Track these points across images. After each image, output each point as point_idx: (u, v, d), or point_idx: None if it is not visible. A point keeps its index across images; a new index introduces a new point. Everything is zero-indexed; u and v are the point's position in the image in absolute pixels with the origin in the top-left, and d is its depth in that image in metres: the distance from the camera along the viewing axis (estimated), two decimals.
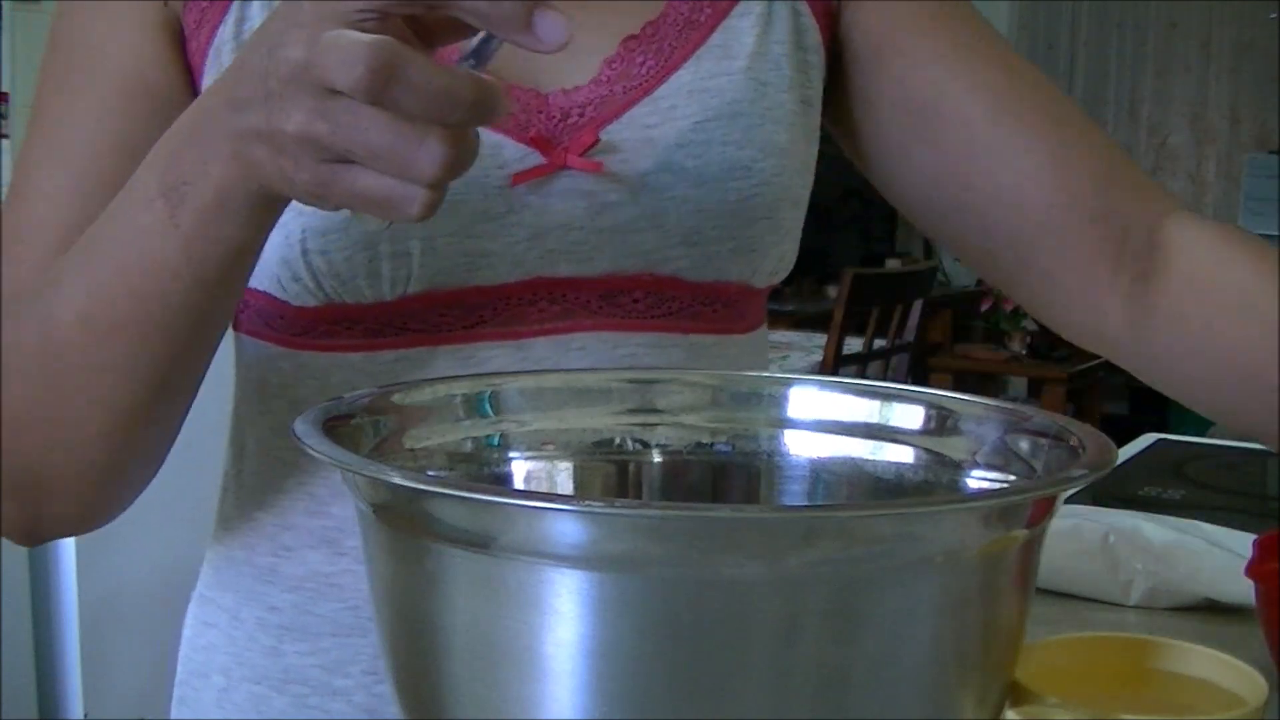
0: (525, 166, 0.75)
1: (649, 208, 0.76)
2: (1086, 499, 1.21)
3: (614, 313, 0.77)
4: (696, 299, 0.79)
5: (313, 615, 0.78)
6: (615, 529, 0.44)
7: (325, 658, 0.77)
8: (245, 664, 0.80)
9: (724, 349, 0.81)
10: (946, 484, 0.60)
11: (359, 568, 0.76)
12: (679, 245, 0.77)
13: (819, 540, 0.44)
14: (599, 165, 0.75)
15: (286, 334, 0.78)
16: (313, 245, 0.73)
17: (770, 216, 0.78)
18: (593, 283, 0.77)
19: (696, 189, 0.76)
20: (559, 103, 0.76)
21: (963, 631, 0.48)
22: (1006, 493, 0.54)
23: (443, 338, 0.76)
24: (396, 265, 0.73)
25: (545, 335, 0.76)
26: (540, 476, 0.63)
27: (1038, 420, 0.57)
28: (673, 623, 0.44)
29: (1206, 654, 0.63)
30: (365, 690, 0.77)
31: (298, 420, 0.52)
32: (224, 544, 0.83)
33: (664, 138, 0.76)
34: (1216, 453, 1.64)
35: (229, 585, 0.81)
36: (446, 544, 0.46)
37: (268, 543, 0.79)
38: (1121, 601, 1.02)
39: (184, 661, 0.84)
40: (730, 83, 0.78)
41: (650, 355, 0.78)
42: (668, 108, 0.76)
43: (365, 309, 0.75)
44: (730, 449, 0.64)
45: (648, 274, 0.77)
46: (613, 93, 0.76)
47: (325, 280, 0.74)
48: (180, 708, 0.84)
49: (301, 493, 0.78)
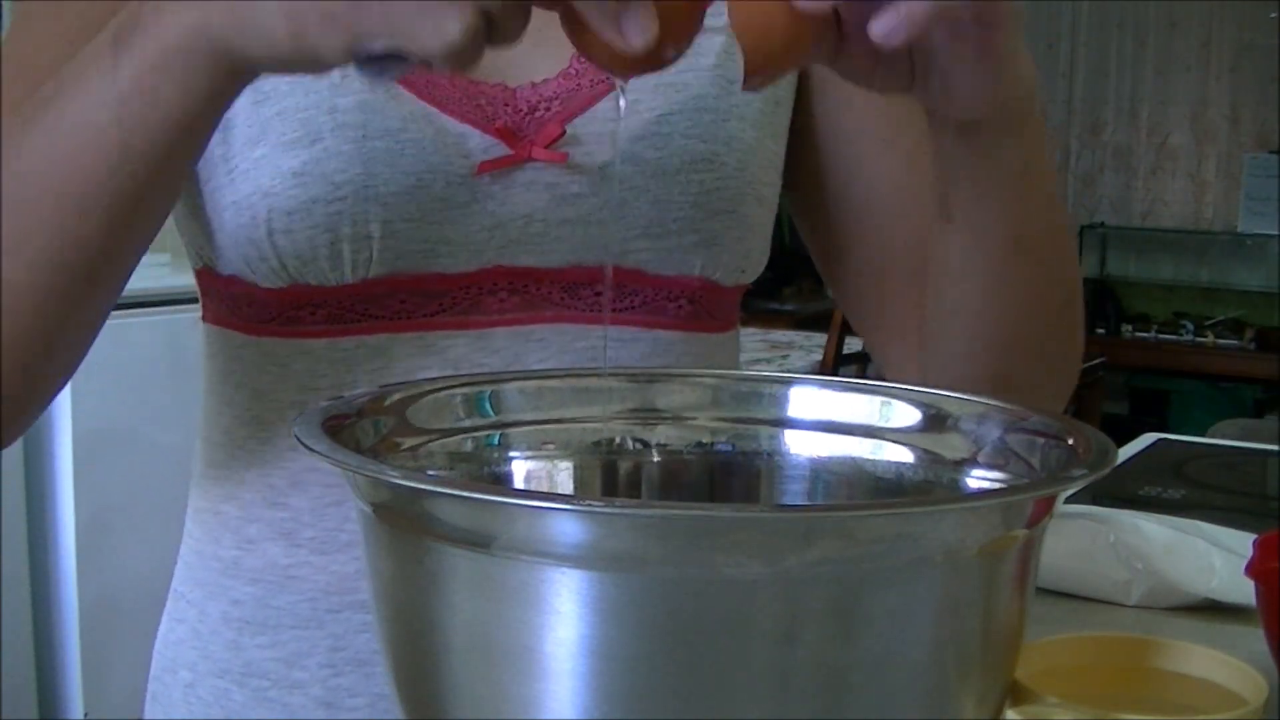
0: (490, 157, 0.75)
1: (610, 199, 0.76)
2: (1086, 499, 1.21)
3: (575, 305, 0.78)
4: (659, 293, 0.79)
5: (271, 608, 0.78)
6: (615, 529, 0.44)
7: (284, 650, 0.78)
8: (209, 658, 0.80)
9: (690, 347, 0.81)
10: (946, 484, 0.60)
11: (316, 559, 0.77)
12: (640, 237, 0.77)
13: (819, 540, 0.44)
14: (564, 156, 0.76)
15: (253, 321, 0.78)
16: (278, 225, 0.73)
17: (733, 210, 0.79)
18: (554, 274, 0.77)
19: (657, 180, 0.77)
20: (526, 96, 0.76)
21: (963, 631, 0.48)
22: (1006, 493, 0.54)
23: (403, 324, 0.76)
24: (357, 248, 0.74)
25: (505, 325, 0.77)
26: (540, 476, 0.63)
27: (1038, 420, 0.57)
28: (673, 623, 0.44)
29: (1206, 654, 0.63)
30: (322, 683, 0.77)
31: (298, 420, 0.52)
32: (194, 538, 0.83)
33: (626, 130, 0.76)
34: (1216, 453, 1.64)
35: (198, 580, 0.82)
36: (446, 544, 0.46)
37: (232, 535, 0.80)
38: (1121, 601, 1.01)
39: (156, 658, 0.85)
40: (697, 78, 0.78)
41: (612, 349, 0.78)
42: (632, 101, 0.77)
43: (328, 292, 0.75)
44: (730, 448, 0.64)
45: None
46: (580, 86, 0.77)
47: (289, 261, 0.74)
48: (152, 704, 0.85)
49: (262, 484, 0.79)
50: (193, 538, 0.83)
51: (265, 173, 0.73)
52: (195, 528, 0.83)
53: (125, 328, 2.57)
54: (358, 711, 0.76)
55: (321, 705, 0.77)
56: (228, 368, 0.80)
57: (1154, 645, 0.64)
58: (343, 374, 0.76)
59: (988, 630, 0.49)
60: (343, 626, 0.76)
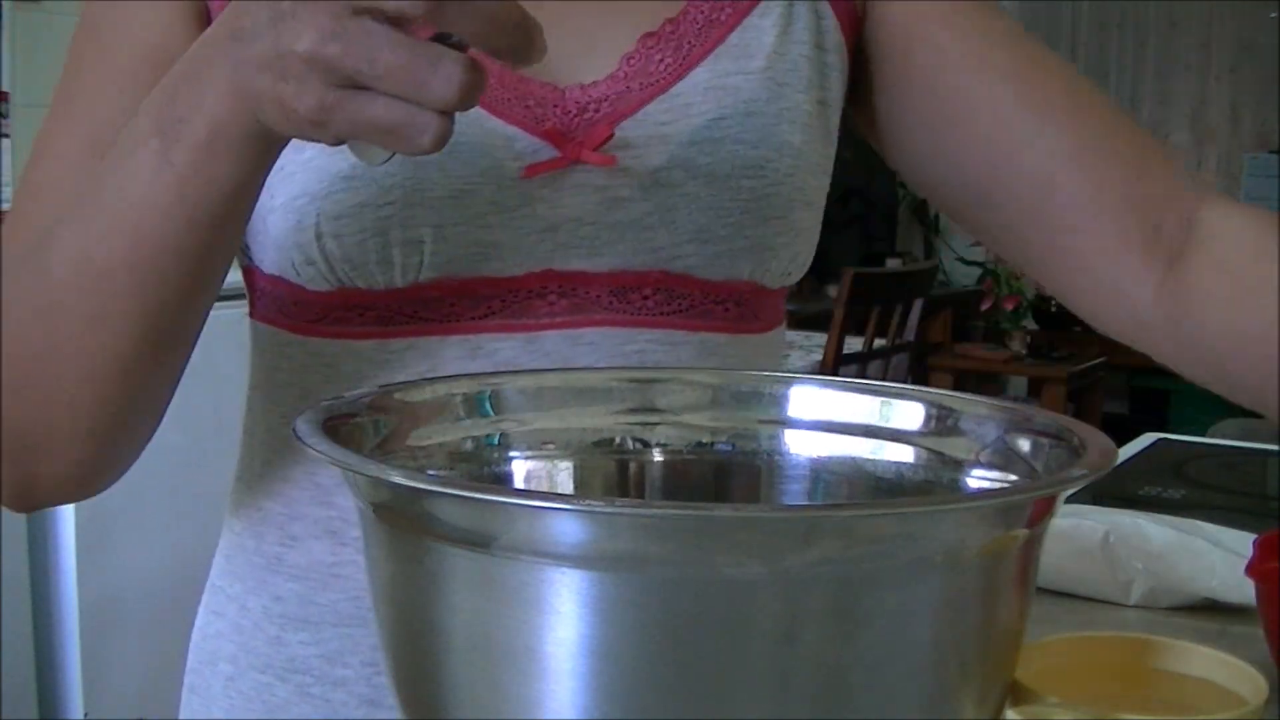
0: (539, 159, 0.75)
1: (660, 204, 0.76)
2: (1086, 499, 1.21)
3: (624, 309, 0.77)
4: (708, 297, 0.79)
5: (315, 605, 0.78)
6: (615, 528, 0.44)
7: (327, 647, 0.78)
8: (251, 652, 0.80)
9: (737, 348, 0.81)
10: (947, 484, 0.60)
11: (360, 558, 0.77)
12: (690, 242, 0.77)
13: (819, 540, 0.44)
14: (613, 160, 0.75)
15: (300, 321, 0.78)
16: (326, 229, 0.73)
17: (783, 216, 0.78)
18: (603, 278, 0.77)
19: (708, 186, 0.76)
20: (575, 97, 0.76)
21: (963, 631, 0.48)
22: (1006, 493, 0.54)
23: (452, 327, 0.76)
24: (408, 252, 0.74)
25: (555, 329, 0.77)
26: (540, 476, 0.63)
27: (1038, 420, 0.57)
28: (673, 623, 0.44)
29: (1206, 654, 0.63)
30: (366, 681, 0.77)
31: (299, 419, 0.52)
32: (235, 533, 0.83)
33: (677, 134, 0.76)
34: (1216, 453, 1.64)
35: (238, 574, 0.82)
36: (447, 543, 0.46)
37: (276, 531, 0.80)
38: (1121, 601, 1.02)
39: (194, 650, 0.85)
40: (747, 82, 0.78)
41: (660, 352, 0.78)
42: (683, 105, 0.77)
43: (377, 295, 0.75)
44: (730, 448, 0.64)
45: (658, 270, 0.77)
46: (629, 89, 0.77)
47: (338, 265, 0.74)
48: (190, 696, 0.85)
49: (308, 482, 0.79)
50: (234, 532, 0.83)
51: (313, 175, 0.73)
52: (237, 523, 0.83)
53: None
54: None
55: (365, 703, 0.77)
56: (274, 365, 0.80)
57: (1154, 645, 0.64)
58: (392, 375, 0.76)
59: (988, 630, 0.49)
60: None
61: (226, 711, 0.81)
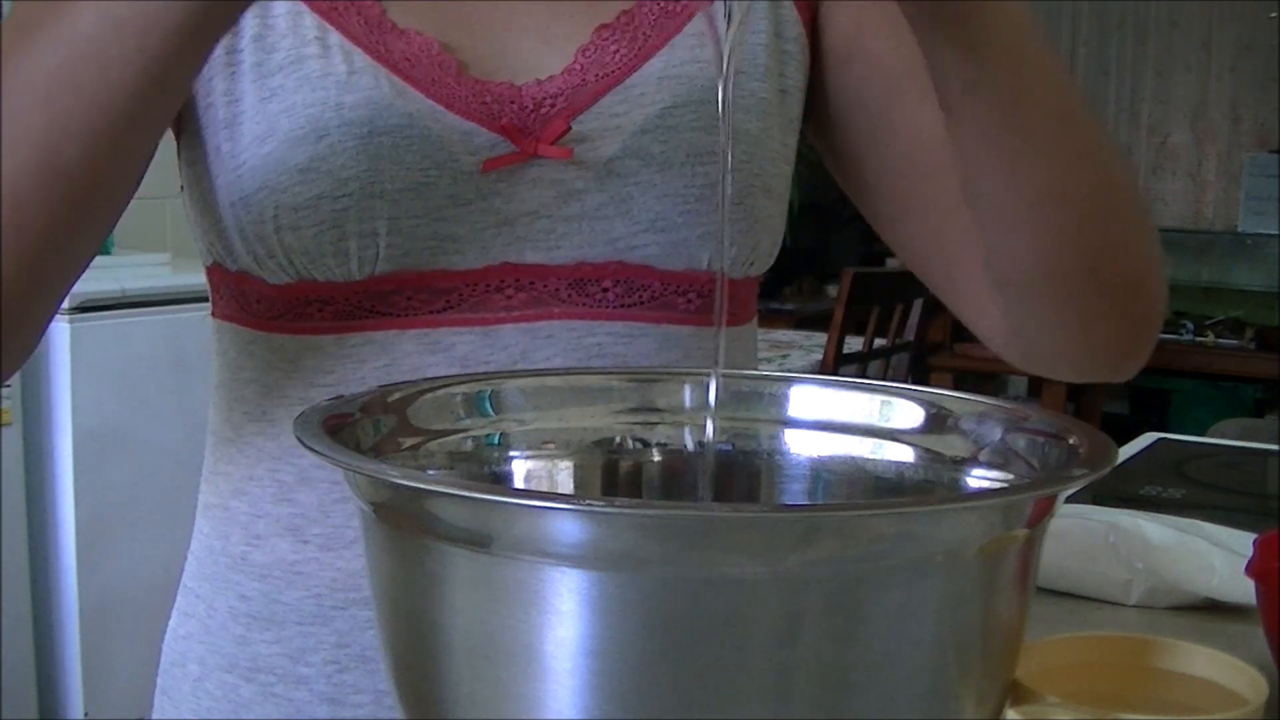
0: (496, 154, 0.75)
1: (616, 194, 0.77)
2: (1086, 499, 1.21)
3: (583, 301, 0.78)
4: (668, 288, 0.79)
5: (280, 604, 0.78)
6: (615, 528, 0.44)
7: (289, 646, 0.78)
8: (218, 653, 0.80)
9: (702, 341, 0.80)
10: (947, 483, 0.60)
11: (322, 555, 0.77)
12: (646, 232, 0.77)
13: (819, 540, 0.44)
14: (569, 152, 0.76)
15: (261, 318, 0.78)
16: (285, 221, 0.73)
17: (740, 203, 0.78)
18: (561, 270, 0.77)
19: (662, 174, 0.77)
20: (532, 93, 0.76)
21: (963, 631, 0.48)
22: (1006, 493, 0.54)
23: (410, 321, 0.76)
24: (364, 244, 0.74)
25: (513, 322, 0.77)
26: (540, 475, 0.63)
27: (1038, 420, 0.57)
28: (673, 623, 0.44)
29: (1207, 653, 0.63)
30: (327, 679, 0.77)
31: (298, 419, 0.52)
32: (203, 533, 0.83)
33: (631, 124, 0.76)
34: (1216, 452, 1.64)
35: (206, 575, 0.82)
36: (447, 543, 0.46)
37: (240, 531, 0.80)
38: (1121, 601, 1.02)
39: (165, 652, 0.85)
40: (701, 70, 0.78)
41: (620, 345, 0.78)
42: (638, 95, 0.77)
43: (335, 288, 0.75)
44: (730, 448, 0.64)
45: (615, 261, 0.78)
46: (585, 81, 0.77)
47: (296, 257, 0.74)
48: (161, 698, 0.85)
49: (270, 480, 0.79)
50: (202, 533, 0.83)
51: (272, 169, 0.74)
52: (204, 523, 0.83)
53: (126, 327, 2.58)
54: (362, 708, 0.77)
55: (326, 701, 0.77)
56: (237, 363, 0.80)
57: (1154, 645, 0.64)
58: (350, 370, 0.76)
59: (988, 630, 0.49)
60: (348, 623, 0.76)
61: (194, 713, 0.81)
